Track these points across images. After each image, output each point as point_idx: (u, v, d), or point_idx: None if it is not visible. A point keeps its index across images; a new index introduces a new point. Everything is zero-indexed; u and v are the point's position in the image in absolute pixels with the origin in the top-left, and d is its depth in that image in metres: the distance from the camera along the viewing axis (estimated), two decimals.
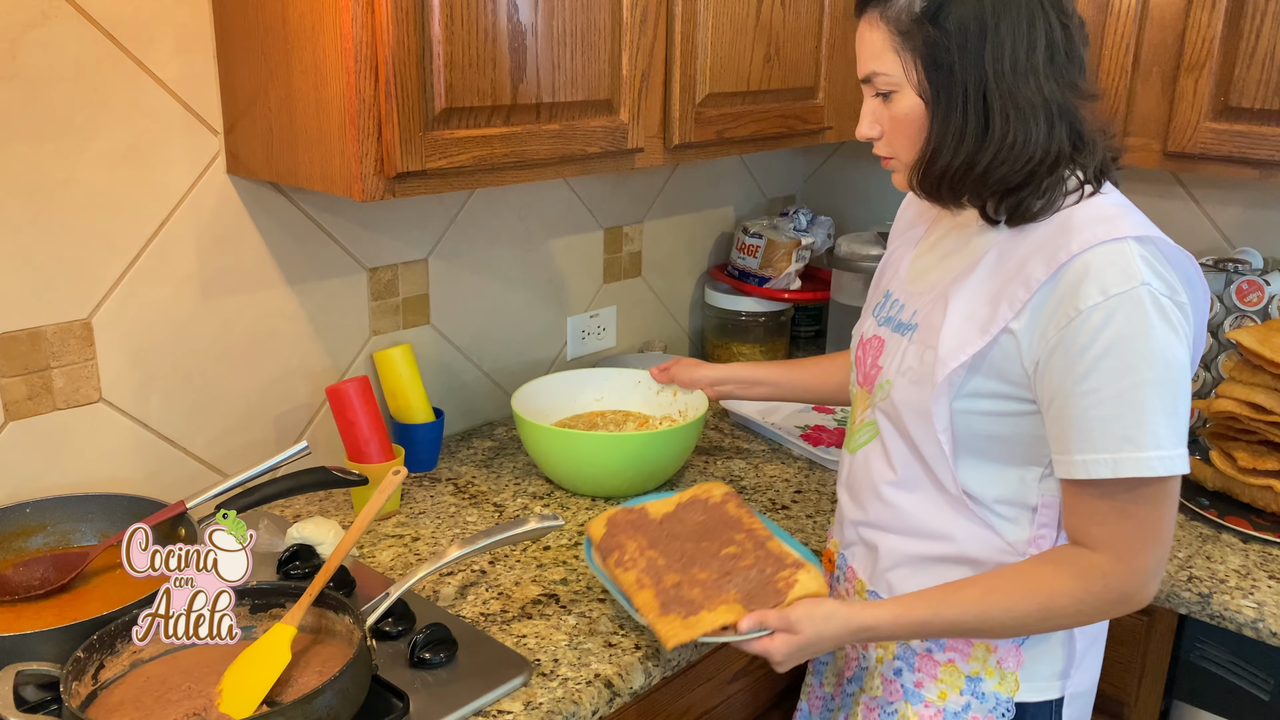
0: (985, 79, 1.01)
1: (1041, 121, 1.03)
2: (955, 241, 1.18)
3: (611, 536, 1.29)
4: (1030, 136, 1.03)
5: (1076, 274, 1.01)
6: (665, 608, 1.17)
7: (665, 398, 1.74)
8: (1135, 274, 0.99)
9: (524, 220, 1.89)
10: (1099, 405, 1.01)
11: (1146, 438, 1.00)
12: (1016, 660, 1.16)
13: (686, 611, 1.16)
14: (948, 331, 1.10)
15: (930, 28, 1.02)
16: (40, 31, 1.25)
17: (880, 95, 1.09)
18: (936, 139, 1.06)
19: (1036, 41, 1.01)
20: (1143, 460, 1.00)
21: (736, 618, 1.14)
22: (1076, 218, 1.05)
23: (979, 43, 1.01)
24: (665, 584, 1.21)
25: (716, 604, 1.16)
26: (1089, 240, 1.02)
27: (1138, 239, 1.02)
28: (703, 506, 1.36)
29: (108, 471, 1.42)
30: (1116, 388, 1.00)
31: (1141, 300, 0.99)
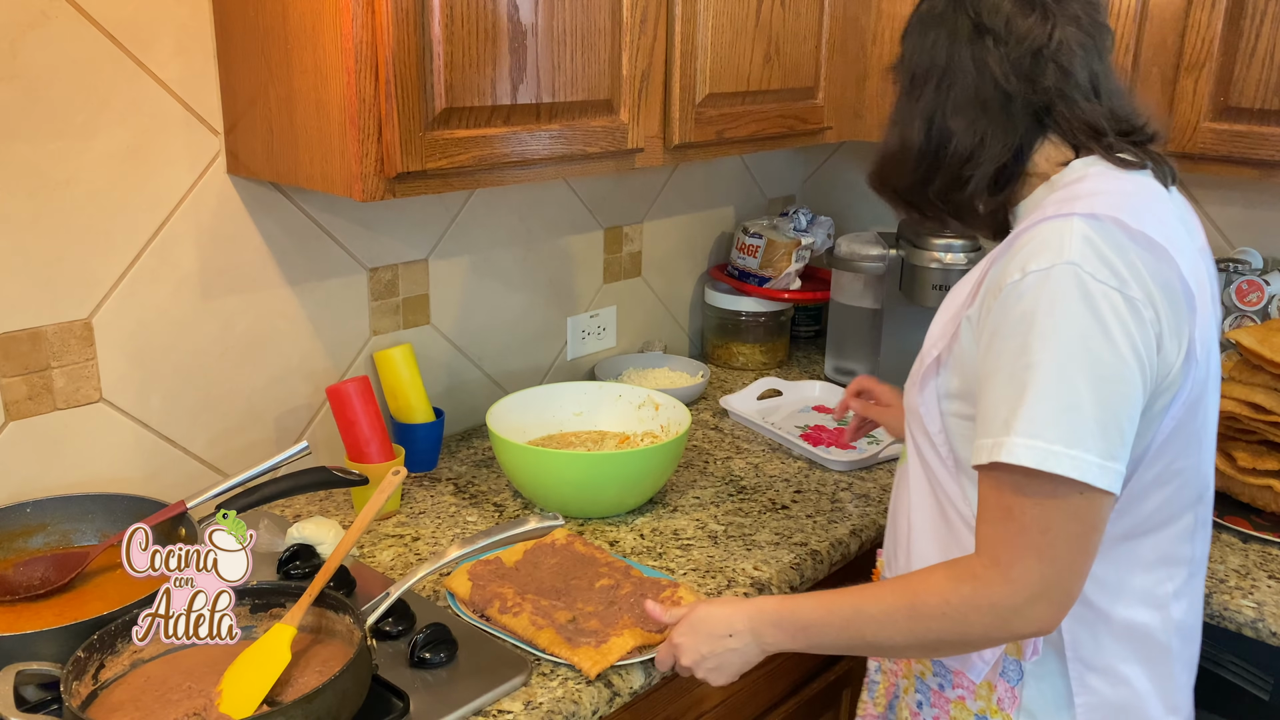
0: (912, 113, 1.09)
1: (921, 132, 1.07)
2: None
3: (482, 588, 1.28)
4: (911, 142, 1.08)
5: (1014, 250, 0.97)
6: (572, 641, 1.19)
7: (647, 413, 1.72)
8: (1064, 251, 0.92)
9: (524, 220, 1.89)
10: (992, 388, 0.95)
11: (1019, 423, 0.91)
12: (1012, 702, 1.10)
13: (596, 641, 1.20)
14: (932, 326, 1.10)
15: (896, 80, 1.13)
16: (40, 31, 1.25)
17: None
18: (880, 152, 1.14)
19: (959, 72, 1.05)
20: (1004, 444, 0.91)
21: (642, 640, 1.20)
22: (1052, 197, 1.02)
23: (911, 83, 1.10)
24: (560, 621, 1.23)
25: (619, 630, 1.21)
26: (1037, 218, 0.97)
27: (1087, 216, 0.94)
28: (551, 549, 1.40)
29: (108, 471, 1.42)
30: (1010, 369, 0.93)
31: (1058, 279, 0.91)
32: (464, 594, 1.28)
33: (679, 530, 1.52)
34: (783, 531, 1.53)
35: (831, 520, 1.57)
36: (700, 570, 1.41)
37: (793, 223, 2.27)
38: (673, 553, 1.46)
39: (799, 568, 1.44)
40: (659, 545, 1.48)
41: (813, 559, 1.47)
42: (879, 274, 2.04)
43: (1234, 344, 1.75)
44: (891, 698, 1.29)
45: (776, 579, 1.41)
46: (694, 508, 1.60)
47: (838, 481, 1.70)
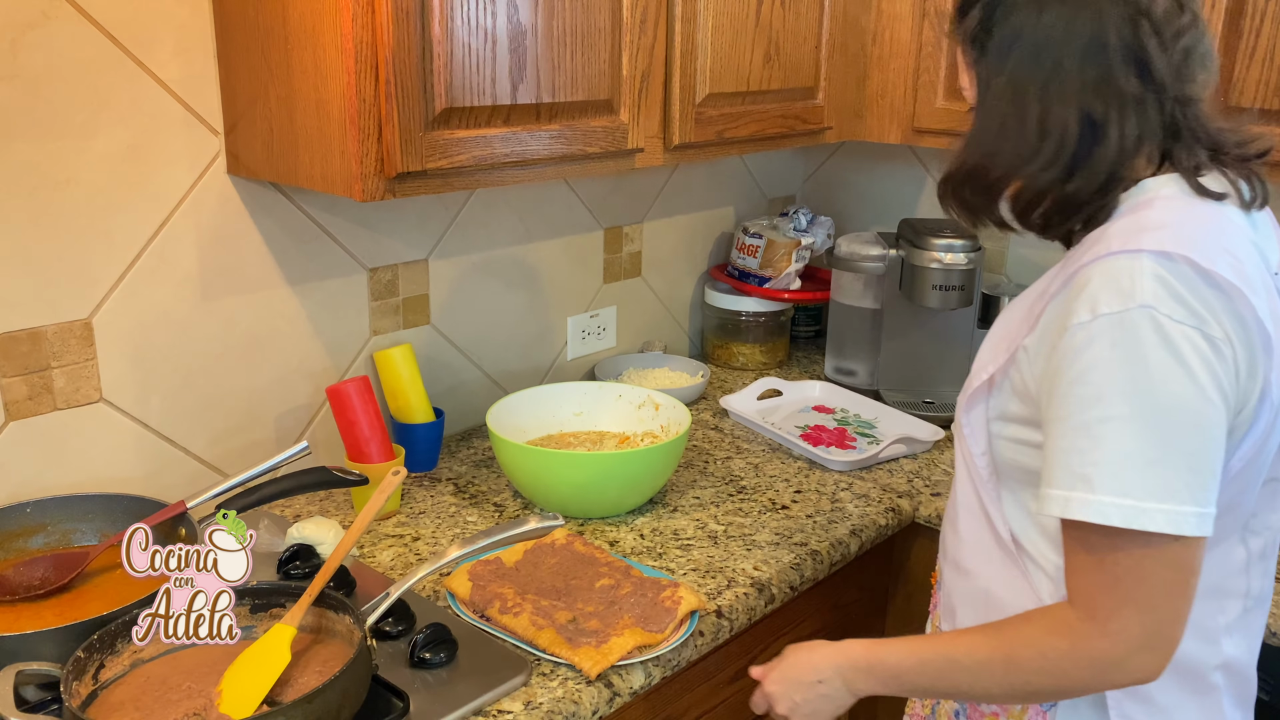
0: (1007, 90, 0.97)
1: (1052, 129, 0.95)
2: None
3: (482, 588, 1.29)
4: (1020, 142, 0.97)
5: (1078, 288, 0.91)
6: (573, 642, 1.20)
7: (647, 413, 1.72)
8: (1136, 293, 0.87)
9: (524, 220, 1.89)
10: (1061, 436, 0.91)
11: (1105, 480, 0.88)
12: None
13: (596, 641, 1.20)
14: (986, 345, 1.06)
15: (979, 46, 0.99)
16: (40, 31, 1.25)
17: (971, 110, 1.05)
18: (959, 146, 1.02)
19: (1079, 49, 0.94)
20: (1093, 504, 0.88)
21: (642, 640, 1.20)
22: (1114, 227, 0.95)
23: (1010, 55, 0.96)
24: (560, 621, 1.23)
25: (620, 629, 1.22)
26: (1103, 251, 0.91)
27: (1158, 254, 0.89)
28: (551, 549, 1.40)
29: (108, 471, 1.42)
30: (1082, 419, 0.89)
31: (1135, 324, 0.87)
32: (464, 594, 1.28)
33: (679, 530, 1.52)
34: (783, 531, 1.53)
35: (831, 520, 1.57)
36: (700, 570, 1.41)
37: (793, 223, 2.27)
38: (673, 553, 1.46)
39: (799, 568, 1.44)
40: (659, 545, 1.48)
41: (813, 559, 1.47)
42: (879, 274, 2.04)
43: None
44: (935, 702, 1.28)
45: (776, 579, 1.41)
46: (694, 508, 1.60)
47: (838, 481, 1.70)
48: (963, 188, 1.03)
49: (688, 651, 1.26)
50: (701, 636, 1.28)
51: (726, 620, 1.32)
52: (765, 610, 1.39)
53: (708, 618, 1.31)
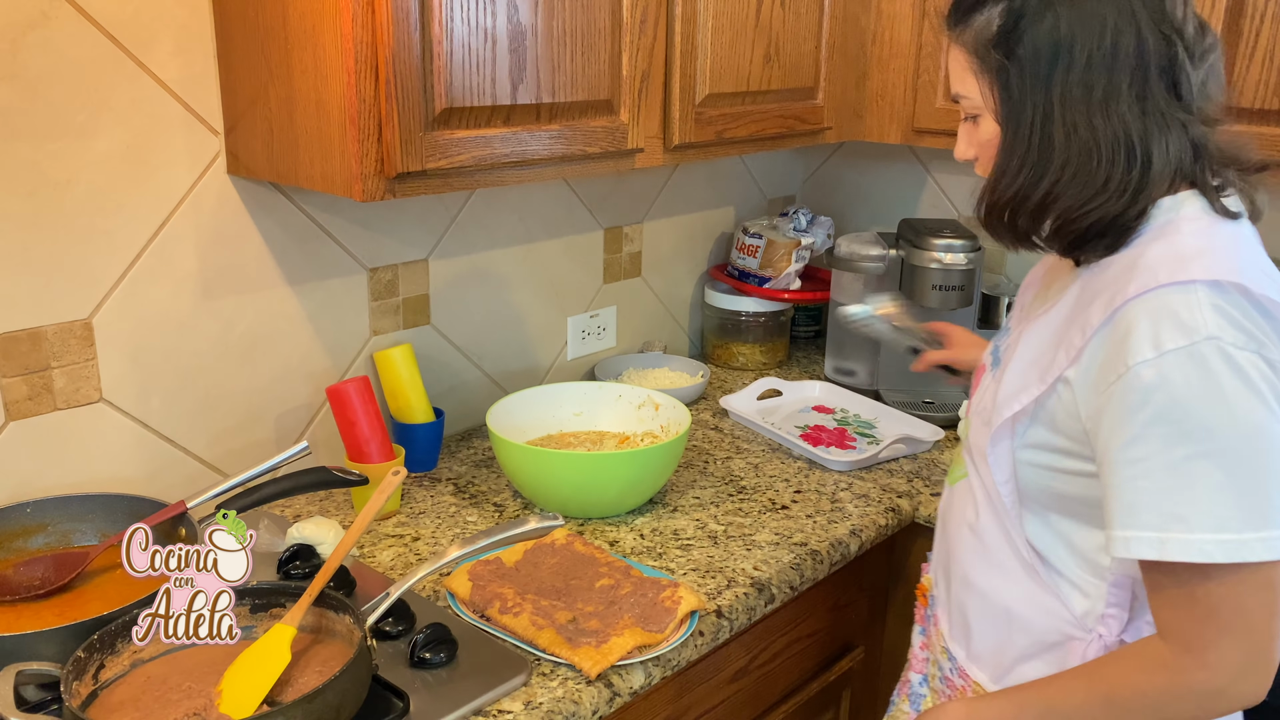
0: (1051, 107, 0.94)
1: (1118, 154, 0.93)
2: (1062, 273, 1.08)
3: (482, 588, 1.28)
4: (1098, 170, 0.94)
5: (1129, 322, 0.90)
6: (573, 642, 1.19)
7: (647, 413, 1.72)
8: (1199, 326, 0.87)
9: (524, 220, 1.89)
10: (1145, 476, 0.89)
11: (1201, 517, 0.87)
12: None
13: (596, 641, 1.20)
14: (1011, 373, 1.03)
15: (1001, 54, 0.96)
16: (40, 31, 1.25)
17: (970, 118, 1.04)
18: (999, 168, 0.99)
19: (1121, 63, 0.92)
20: (1193, 543, 0.87)
21: (642, 640, 1.20)
22: (1148, 255, 0.94)
23: (1050, 68, 0.94)
24: (560, 621, 1.23)
25: (620, 630, 1.21)
26: (1148, 283, 0.90)
27: (1211, 284, 0.89)
28: (551, 549, 1.40)
29: (108, 471, 1.42)
30: (1167, 459, 0.88)
31: (1205, 357, 0.87)
32: (464, 594, 1.28)
33: (679, 530, 1.52)
34: (783, 531, 1.53)
35: (831, 520, 1.57)
36: (700, 570, 1.41)
37: (793, 223, 2.27)
38: (673, 553, 1.46)
39: (799, 568, 1.44)
40: (659, 545, 1.48)
41: (813, 559, 1.47)
42: (879, 274, 2.04)
43: None
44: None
45: (776, 579, 1.41)
46: (694, 508, 1.60)
47: (838, 481, 1.70)
48: (1017, 215, 1.00)
49: (688, 651, 1.26)
50: (701, 636, 1.28)
51: (726, 620, 1.32)
52: (765, 610, 1.39)
53: (708, 618, 1.31)
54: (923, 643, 1.32)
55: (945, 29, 1.03)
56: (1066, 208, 0.96)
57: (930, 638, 1.28)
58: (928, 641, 1.30)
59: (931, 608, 1.28)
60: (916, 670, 1.33)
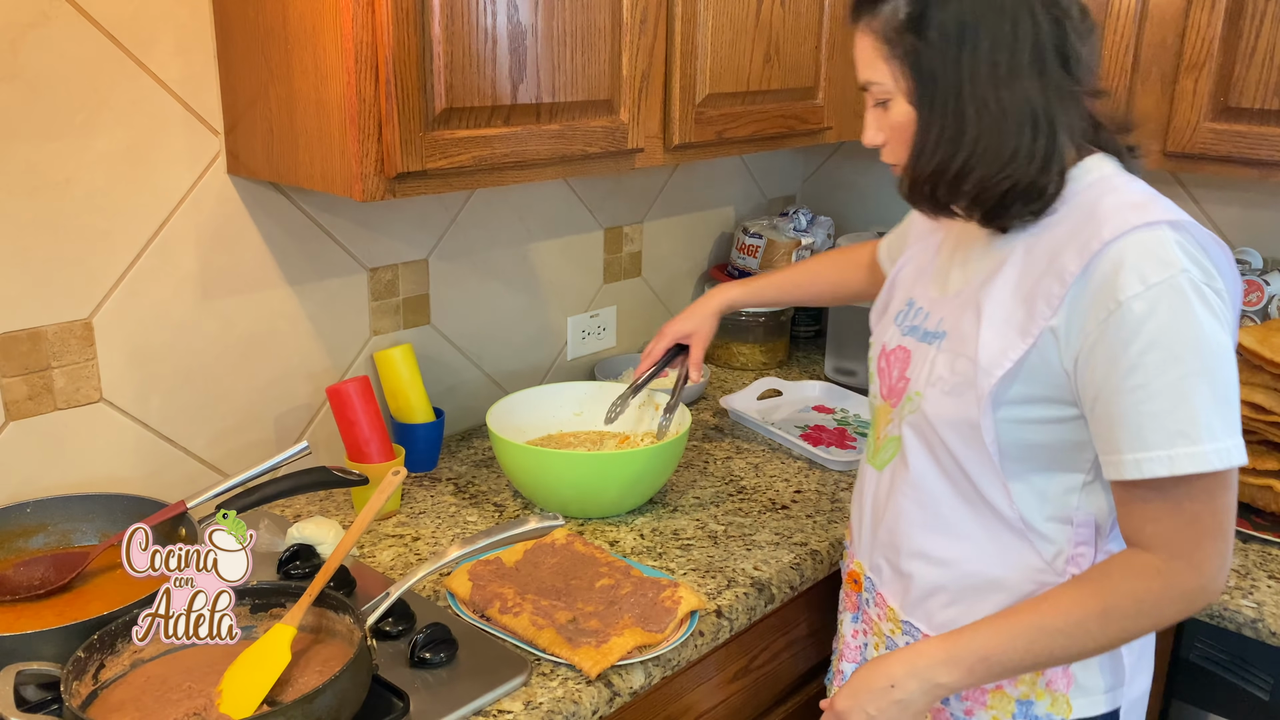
0: (962, 84, 1.00)
1: (1024, 125, 1.00)
2: (978, 244, 1.14)
3: (482, 588, 1.28)
4: (1006, 141, 1.01)
5: (1112, 263, 0.98)
6: (573, 641, 1.19)
7: (648, 413, 1.72)
8: (1174, 261, 0.96)
9: (524, 220, 1.89)
10: (1148, 400, 0.96)
11: (1200, 431, 0.95)
12: (1066, 682, 1.12)
13: (596, 641, 1.19)
14: (986, 338, 1.06)
15: (913, 36, 1.01)
16: (40, 31, 1.25)
17: (879, 104, 1.09)
18: (918, 145, 1.05)
19: (1021, 43, 0.99)
20: (1199, 455, 0.95)
21: (642, 640, 1.20)
22: (1104, 205, 1.02)
23: (958, 49, 1.00)
24: (560, 621, 1.23)
25: (620, 629, 1.21)
26: (1121, 226, 0.99)
27: (1171, 224, 0.99)
28: (551, 549, 1.40)
29: (108, 471, 1.42)
30: (1165, 380, 0.96)
31: (1183, 288, 0.95)
32: (464, 594, 1.28)
33: (679, 530, 1.52)
34: (783, 531, 1.53)
35: (831, 520, 1.57)
36: (700, 570, 1.41)
37: (793, 223, 2.27)
38: (673, 553, 1.46)
39: (799, 568, 1.44)
40: (659, 545, 1.48)
41: (813, 559, 1.47)
42: None
43: None
44: None
45: (776, 579, 1.41)
46: (694, 508, 1.60)
47: (838, 481, 1.70)
48: (936, 188, 1.06)
49: (688, 651, 1.26)
50: (701, 636, 1.28)
51: (726, 620, 1.32)
52: (765, 610, 1.39)
53: (708, 618, 1.31)
54: (855, 630, 1.33)
55: (851, 21, 1.09)
56: (981, 177, 1.03)
57: (871, 621, 1.29)
58: (866, 627, 1.30)
59: (868, 592, 1.28)
60: (850, 659, 1.34)
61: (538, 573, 1.34)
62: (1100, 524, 1.10)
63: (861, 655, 1.32)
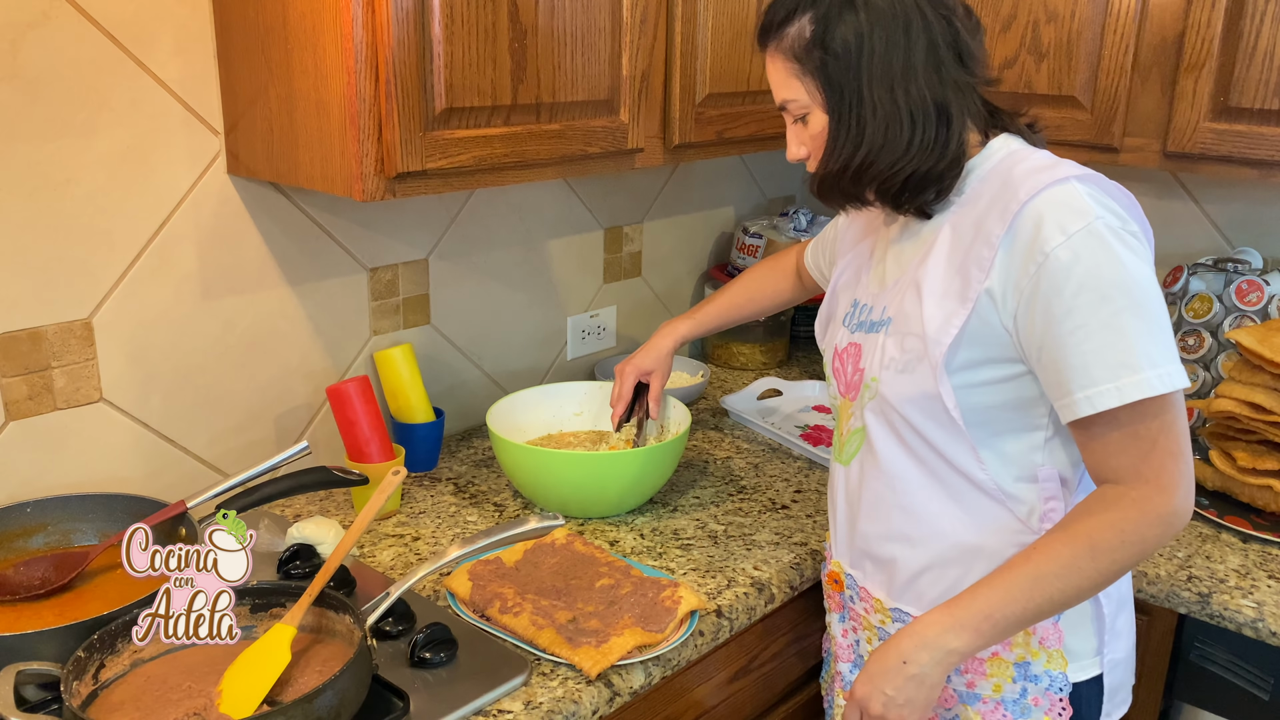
0: (862, 88, 1.09)
1: (921, 119, 1.08)
2: (902, 233, 1.22)
3: (482, 588, 1.28)
4: (901, 134, 1.09)
5: (1032, 220, 1.04)
6: (573, 641, 1.19)
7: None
8: (1088, 210, 1.03)
9: (524, 220, 1.89)
10: (1087, 339, 1.02)
11: (1139, 359, 1.01)
12: (1057, 636, 1.16)
13: (597, 641, 1.20)
14: (930, 311, 1.12)
15: (819, 51, 1.10)
16: (40, 31, 1.25)
17: (798, 120, 1.17)
18: (828, 148, 1.14)
19: (914, 44, 1.08)
20: (1143, 381, 1.01)
21: (642, 640, 1.20)
22: (1016, 171, 1.09)
23: (858, 57, 1.08)
24: (561, 621, 1.23)
25: (620, 629, 1.21)
26: (1035, 186, 1.05)
27: (1079, 178, 1.06)
28: (551, 549, 1.40)
29: (108, 471, 1.42)
30: (1099, 318, 1.02)
31: (1100, 232, 1.02)
32: (464, 594, 1.28)
33: (679, 530, 1.52)
34: (783, 531, 1.53)
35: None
36: (700, 570, 1.41)
37: (793, 223, 2.27)
38: (673, 552, 1.46)
39: (799, 567, 1.44)
40: (659, 545, 1.48)
41: (813, 559, 1.47)
42: None
43: (1234, 344, 1.75)
44: None
45: (776, 579, 1.41)
46: (694, 508, 1.60)
47: None
48: (841, 182, 1.15)
49: (688, 651, 1.26)
50: (701, 636, 1.28)
51: (726, 620, 1.32)
52: (765, 610, 1.39)
53: (708, 617, 1.31)
54: (844, 629, 1.34)
55: (760, 47, 1.17)
56: (880, 170, 1.11)
57: (859, 617, 1.30)
58: (855, 624, 1.32)
59: (850, 589, 1.30)
60: (845, 659, 1.35)
61: (538, 573, 1.34)
62: (1066, 478, 1.15)
63: (855, 653, 1.34)
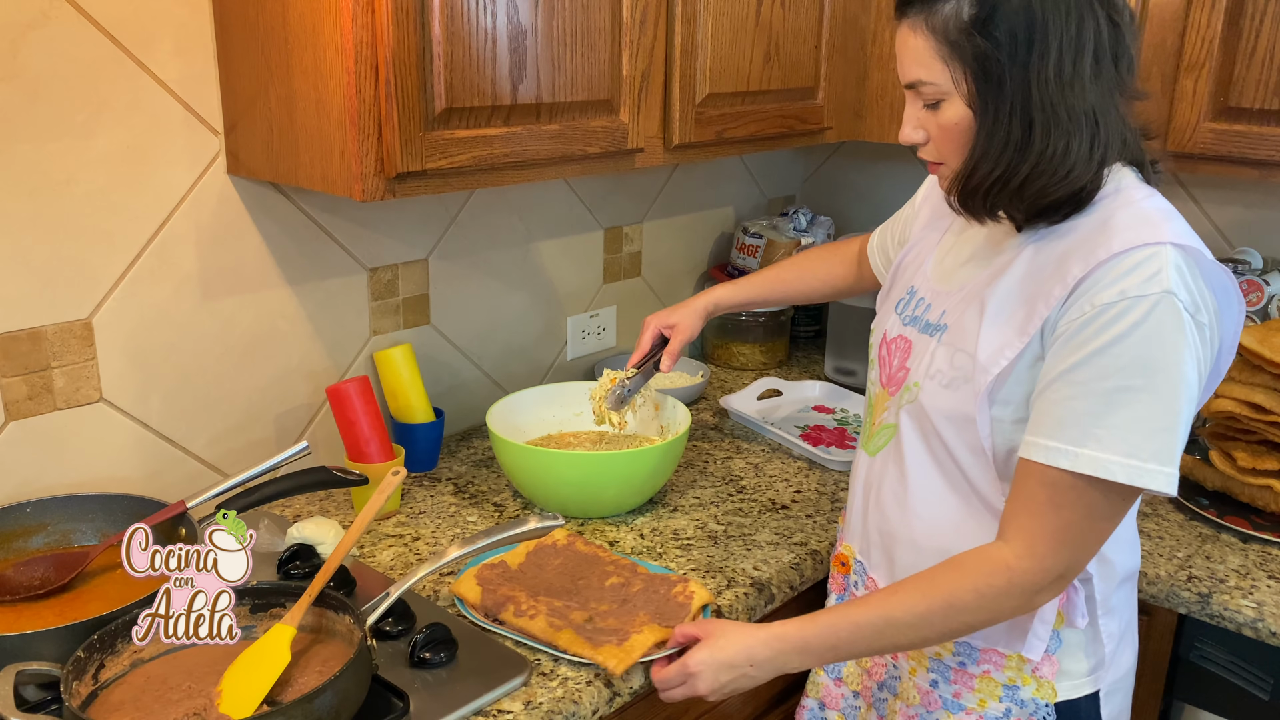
0: (1030, 89, 0.98)
1: (1084, 131, 0.99)
2: (985, 240, 1.15)
3: (493, 592, 1.28)
4: (1071, 147, 0.99)
5: (1109, 272, 0.98)
6: (594, 641, 1.19)
7: (646, 413, 1.72)
8: (1162, 280, 0.95)
9: (524, 220, 1.89)
10: (1080, 398, 0.98)
11: (1115, 441, 0.96)
12: (1051, 669, 1.14)
13: (617, 639, 1.19)
14: (987, 335, 1.07)
15: (980, 38, 0.98)
16: (40, 31, 1.25)
17: (930, 104, 1.06)
18: (980, 152, 1.03)
19: (1084, 46, 0.97)
20: (1100, 461, 0.96)
21: (662, 635, 1.19)
22: (1119, 217, 1.01)
23: (1026, 53, 0.97)
24: (577, 621, 1.23)
25: (638, 626, 1.21)
26: (1130, 241, 0.98)
27: (1178, 246, 0.98)
28: (553, 550, 1.39)
29: (108, 471, 1.42)
30: (1103, 386, 0.97)
31: (1159, 307, 0.95)
32: (474, 599, 1.27)
33: (679, 530, 1.52)
34: (783, 531, 1.53)
35: (831, 520, 1.57)
36: (700, 570, 1.41)
37: (793, 223, 2.27)
38: (673, 552, 1.46)
39: (799, 568, 1.44)
40: (659, 545, 1.48)
41: (813, 559, 1.47)
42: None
43: None
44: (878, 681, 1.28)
45: (776, 579, 1.41)
46: (694, 508, 1.60)
47: (838, 481, 1.70)
48: (998, 193, 1.04)
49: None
50: None
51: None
52: (765, 610, 1.39)
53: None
54: None
55: (901, 16, 1.05)
56: (1043, 185, 1.01)
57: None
58: None
59: (857, 574, 1.30)
60: None
61: (544, 574, 1.34)
62: None
63: None
